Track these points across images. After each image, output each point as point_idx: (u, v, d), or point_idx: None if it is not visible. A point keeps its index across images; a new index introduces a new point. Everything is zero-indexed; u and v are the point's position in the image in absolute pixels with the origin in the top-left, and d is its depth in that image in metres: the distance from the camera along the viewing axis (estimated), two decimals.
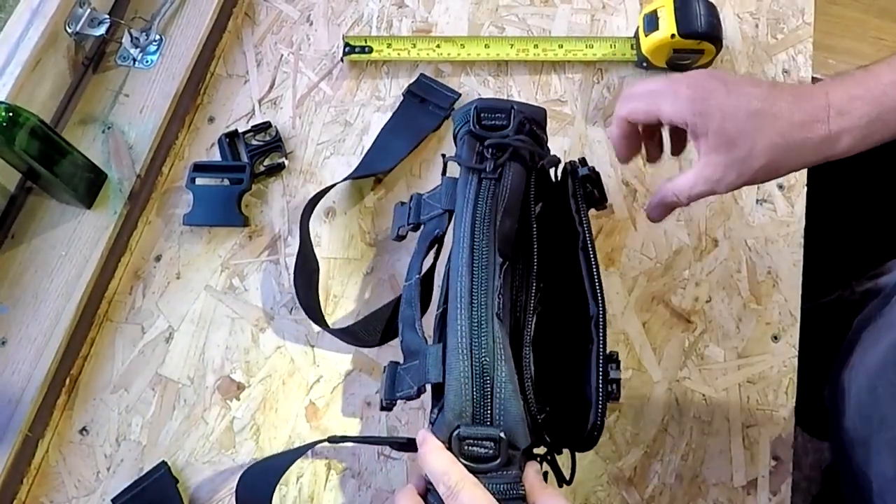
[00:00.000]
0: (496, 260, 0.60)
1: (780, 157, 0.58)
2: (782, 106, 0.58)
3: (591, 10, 0.95)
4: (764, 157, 0.58)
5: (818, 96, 0.57)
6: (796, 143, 0.57)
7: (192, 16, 0.92)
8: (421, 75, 0.90)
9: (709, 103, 0.59)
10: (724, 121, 0.58)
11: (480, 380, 0.55)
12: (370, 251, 0.83)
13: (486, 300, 0.58)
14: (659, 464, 0.73)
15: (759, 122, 0.58)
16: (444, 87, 0.89)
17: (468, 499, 0.51)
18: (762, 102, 0.58)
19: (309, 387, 0.77)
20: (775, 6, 0.94)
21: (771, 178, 0.61)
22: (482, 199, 0.63)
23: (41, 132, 0.75)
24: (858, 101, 0.56)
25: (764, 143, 0.58)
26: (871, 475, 0.63)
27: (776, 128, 0.57)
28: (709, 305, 0.79)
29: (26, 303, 0.78)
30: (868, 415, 0.64)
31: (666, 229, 0.82)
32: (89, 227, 0.81)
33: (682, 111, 0.60)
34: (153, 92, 0.88)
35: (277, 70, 0.93)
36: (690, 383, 0.76)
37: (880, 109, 0.56)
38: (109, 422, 0.77)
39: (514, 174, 0.64)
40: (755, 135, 0.58)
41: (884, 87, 0.56)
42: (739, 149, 0.58)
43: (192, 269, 0.83)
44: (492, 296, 0.58)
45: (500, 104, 0.67)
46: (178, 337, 0.80)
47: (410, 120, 0.88)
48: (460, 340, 0.57)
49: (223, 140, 0.87)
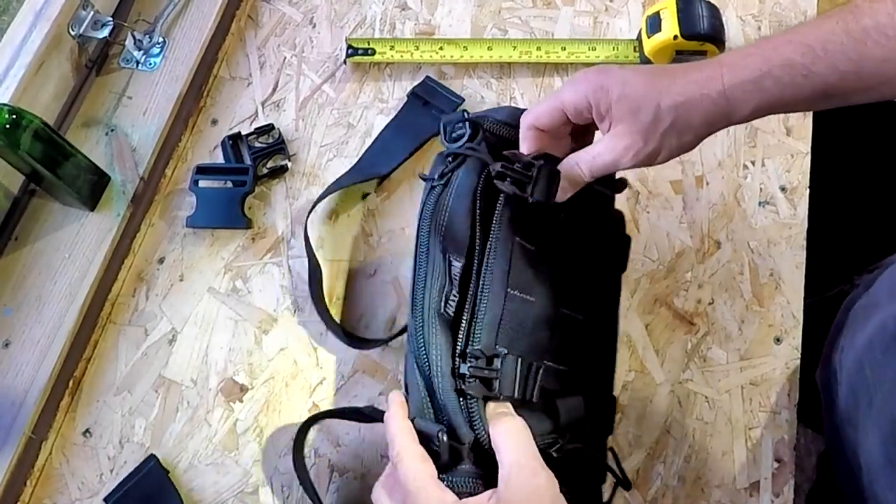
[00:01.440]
0: (438, 259, 0.62)
1: (683, 115, 0.59)
2: (678, 72, 0.60)
3: (594, 13, 0.95)
4: (669, 118, 0.59)
5: (714, 62, 0.59)
6: (696, 98, 0.58)
7: (195, 18, 0.92)
8: (426, 78, 0.90)
9: (607, 77, 0.60)
10: (624, 87, 0.59)
11: (424, 378, 0.60)
12: (373, 253, 0.83)
13: (425, 301, 0.61)
14: (661, 465, 0.73)
15: (658, 83, 0.59)
16: (449, 91, 0.89)
17: (403, 470, 0.55)
18: (658, 71, 0.61)
19: (312, 389, 0.77)
20: (777, 8, 0.94)
21: (681, 145, 0.61)
22: (426, 206, 0.65)
23: (44, 134, 0.75)
24: (750, 58, 0.58)
25: (666, 103, 0.58)
26: (861, 456, 0.63)
27: (675, 87, 0.59)
28: (711, 307, 0.79)
29: (30, 305, 0.78)
30: (857, 395, 0.65)
31: (669, 231, 0.82)
32: (92, 229, 0.81)
33: (582, 92, 0.61)
34: (156, 94, 0.88)
35: (280, 72, 0.94)
36: (693, 385, 0.76)
37: (769, 65, 0.57)
38: (113, 424, 0.77)
39: (461, 179, 0.65)
40: (656, 96, 0.59)
41: (774, 44, 0.57)
42: (644, 112, 0.59)
43: (195, 272, 0.83)
44: (431, 295, 0.61)
45: (455, 116, 0.68)
46: (181, 339, 0.80)
47: (412, 122, 0.88)
48: (408, 342, 0.62)
49: (226, 142, 0.87)
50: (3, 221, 0.82)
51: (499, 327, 0.60)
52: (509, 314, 0.61)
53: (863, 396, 0.63)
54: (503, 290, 0.61)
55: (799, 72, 0.57)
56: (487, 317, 0.60)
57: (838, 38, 0.56)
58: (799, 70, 0.57)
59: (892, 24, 0.54)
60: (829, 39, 0.56)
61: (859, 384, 0.64)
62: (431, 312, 0.61)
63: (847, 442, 0.66)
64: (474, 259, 0.62)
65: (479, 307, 0.60)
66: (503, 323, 0.60)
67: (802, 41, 0.57)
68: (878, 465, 0.60)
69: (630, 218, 0.82)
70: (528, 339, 0.62)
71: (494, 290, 0.61)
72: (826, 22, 0.57)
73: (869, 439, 0.61)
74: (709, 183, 0.84)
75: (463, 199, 0.64)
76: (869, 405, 0.62)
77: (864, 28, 0.55)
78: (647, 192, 0.84)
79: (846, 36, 0.55)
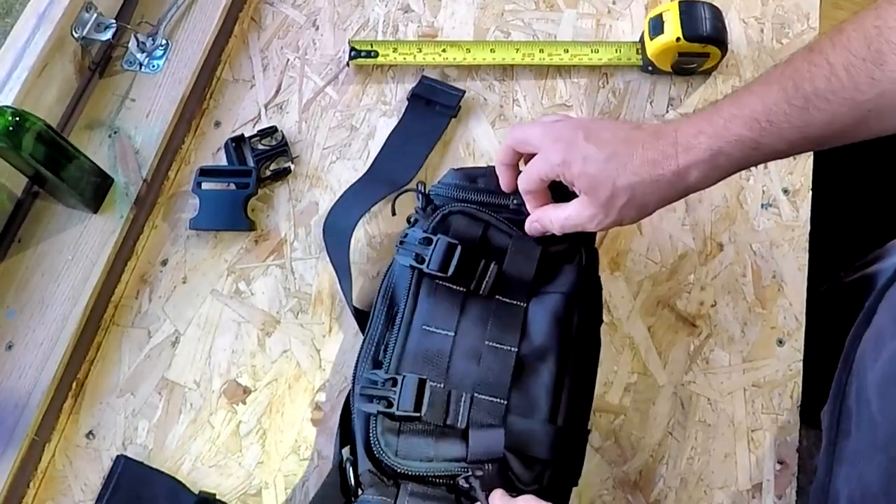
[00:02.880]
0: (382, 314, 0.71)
1: (640, 194, 0.62)
2: (637, 147, 0.62)
3: (597, 15, 0.95)
4: (625, 196, 0.62)
5: (669, 134, 0.61)
6: (651, 179, 0.61)
7: (198, 20, 0.92)
8: (423, 77, 0.91)
9: (569, 153, 0.64)
10: (585, 165, 0.63)
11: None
12: (377, 256, 0.83)
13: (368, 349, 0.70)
14: (664, 468, 0.73)
15: (615, 163, 0.62)
16: (448, 86, 0.90)
17: None
18: (618, 146, 0.63)
19: (315, 391, 0.77)
20: (780, 10, 0.94)
21: (641, 215, 0.65)
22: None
23: (48, 137, 0.75)
24: (702, 136, 0.60)
25: (622, 183, 0.62)
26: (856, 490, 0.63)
27: (631, 167, 0.62)
28: (714, 310, 0.79)
29: (33, 307, 0.78)
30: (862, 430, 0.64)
31: (671, 234, 0.82)
32: (96, 231, 0.81)
33: (549, 166, 0.65)
34: (159, 96, 0.88)
35: (283, 75, 0.94)
36: (696, 387, 0.76)
37: (721, 143, 0.59)
38: (116, 426, 0.77)
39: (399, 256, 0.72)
40: (613, 175, 0.62)
41: (724, 120, 0.59)
42: (602, 190, 0.63)
43: (198, 274, 0.83)
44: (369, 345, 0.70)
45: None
46: (184, 341, 0.80)
47: (420, 123, 0.88)
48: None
49: (229, 144, 0.88)
50: (6, 224, 0.82)
51: (403, 355, 0.67)
52: (421, 346, 0.67)
53: (868, 430, 0.62)
54: (419, 326, 0.68)
55: (749, 145, 0.59)
56: (397, 348, 0.67)
57: (781, 108, 0.57)
58: (749, 144, 0.59)
59: (830, 88, 0.55)
60: (772, 111, 0.58)
61: (868, 419, 0.63)
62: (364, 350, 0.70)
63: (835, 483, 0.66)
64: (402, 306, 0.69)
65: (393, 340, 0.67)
66: (413, 353, 0.67)
67: (750, 115, 0.58)
68: (873, 495, 0.59)
69: None
70: (451, 369, 0.67)
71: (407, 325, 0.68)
72: (769, 92, 0.58)
73: (870, 471, 0.61)
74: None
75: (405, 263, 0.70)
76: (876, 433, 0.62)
77: (805, 95, 0.56)
78: None
79: (788, 105, 0.57)
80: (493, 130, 0.89)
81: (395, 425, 0.64)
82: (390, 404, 0.64)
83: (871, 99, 0.54)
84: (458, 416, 0.64)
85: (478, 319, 0.69)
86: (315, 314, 0.80)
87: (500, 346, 0.68)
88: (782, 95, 0.57)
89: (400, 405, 0.63)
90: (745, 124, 0.58)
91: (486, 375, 0.66)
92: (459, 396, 0.65)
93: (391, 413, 0.64)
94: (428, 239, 0.69)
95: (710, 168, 0.60)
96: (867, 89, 0.54)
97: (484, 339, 0.68)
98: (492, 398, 0.65)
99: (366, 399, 0.65)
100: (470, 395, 0.65)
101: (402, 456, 0.63)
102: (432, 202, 0.72)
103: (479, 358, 0.67)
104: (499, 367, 0.67)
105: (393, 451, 0.63)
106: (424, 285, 0.69)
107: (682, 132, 0.61)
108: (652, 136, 0.62)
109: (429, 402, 0.64)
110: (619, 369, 0.77)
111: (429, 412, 0.64)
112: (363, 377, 0.67)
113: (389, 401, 0.64)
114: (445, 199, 0.72)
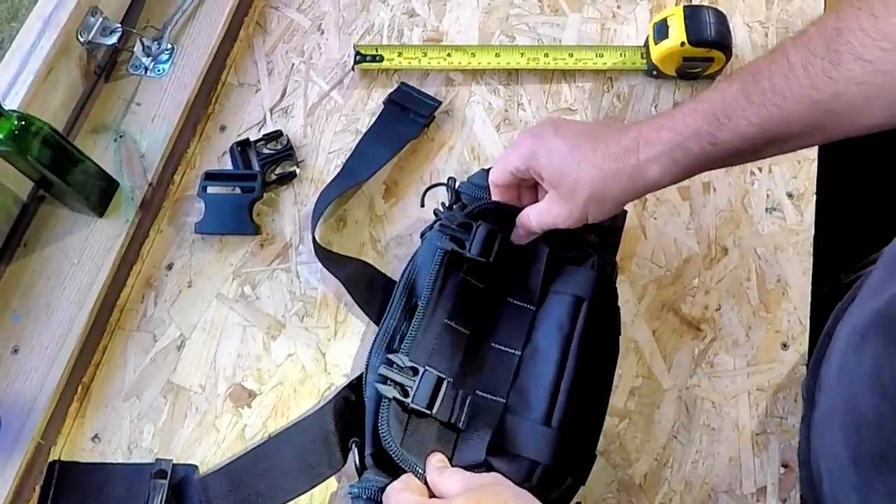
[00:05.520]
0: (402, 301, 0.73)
1: (601, 187, 0.63)
2: (600, 142, 0.64)
3: (601, 19, 0.96)
4: (587, 189, 0.64)
5: (633, 131, 0.62)
6: (612, 172, 0.62)
7: (203, 25, 0.92)
8: (401, 83, 0.91)
9: (537, 145, 0.66)
10: (550, 158, 0.65)
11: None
12: (381, 259, 0.83)
13: (384, 338, 0.71)
14: (669, 471, 0.73)
15: (578, 155, 0.64)
16: (425, 95, 0.90)
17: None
18: (582, 139, 0.65)
19: (320, 394, 0.77)
20: (784, 15, 0.94)
21: (604, 210, 0.66)
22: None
23: (53, 141, 0.75)
24: (663, 131, 0.61)
25: (584, 176, 0.63)
26: (825, 462, 0.63)
27: (593, 160, 0.63)
28: (718, 313, 0.79)
29: (39, 311, 0.78)
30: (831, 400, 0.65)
31: (676, 238, 0.82)
32: (101, 235, 0.81)
33: (519, 159, 0.68)
34: (165, 101, 0.88)
35: (289, 79, 0.94)
36: (700, 391, 0.76)
37: (679, 137, 0.60)
38: (121, 429, 0.77)
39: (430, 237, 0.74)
40: (575, 169, 0.64)
41: (684, 115, 0.60)
42: (566, 183, 0.65)
43: (203, 278, 0.83)
44: (385, 335, 0.71)
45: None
46: (189, 345, 0.80)
47: (390, 128, 0.88)
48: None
49: (234, 149, 0.88)
50: (12, 227, 0.82)
51: (421, 345, 0.68)
52: (441, 340, 0.69)
53: (836, 399, 0.63)
54: (441, 320, 0.70)
55: (707, 140, 0.59)
56: (419, 338, 0.68)
57: (739, 103, 0.58)
58: (706, 139, 0.59)
59: (787, 85, 0.55)
60: (731, 106, 0.58)
61: (835, 388, 0.64)
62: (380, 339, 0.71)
63: (813, 452, 0.67)
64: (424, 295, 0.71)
65: (416, 330, 0.69)
66: (431, 345, 0.69)
67: (708, 110, 0.59)
68: (842, 467, 0.59)
69: (637, 224, 0.83)
70: (462, 366, 0.69)
71: (431, 317, 0.69)
72: (729, 88, 0.59)
73: (835, 441, 0.61)
74: (716, 189, 0.84)
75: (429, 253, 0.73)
76: (836, 406, 0.62)
77: (763, 91, 0.56)
78: (654, 199, 0.84)
79: (746, 101, 0.57)
80: (497, 135, 0.89)
81: (404, 416, 0.66)
82: (406, 393, 0.66)
83: (827, 99, 0.54)
84: (460, 416, 0.66)
85: (490, 320, 0.71)
86: (320, 318, 0.80)
87: (506, 349, 0.70)
88: (741, 91, 0.58)
89: (416, 398, 0.66)
90: (704, 118, 0.59)
91: (488, 377, 0.69)
92: (465, 397, 0.67)
93: (404, 403, 0.66)
94: (466, 224, 0.71)
95: (669, 162, 0.61)
96: (824, 88, 0.54)
97: (491, 342, 0.70)
98: (492, 398, 0.68)
99: (382, 379, 0.67)
100: (471, 396, 0.67)
101: (405, 447, 0.64)
102: (460, 199, 0.75)
103: (485, 359, 0.70)
104: (502, 370, 0.70)
105: (398, 441, 0.65)
106: (451, 277, 0.71)
107: (645, 127, 0.62)
108: (617, 132, 0.63)
109: (442, 401, 0.66)
110: (623, 373, 0.77)
111: (439, 410, 0.66)
112: (384, 358, 0.69)
113: (405, 390, 0.66)
114: (472, 199, 0.75)
